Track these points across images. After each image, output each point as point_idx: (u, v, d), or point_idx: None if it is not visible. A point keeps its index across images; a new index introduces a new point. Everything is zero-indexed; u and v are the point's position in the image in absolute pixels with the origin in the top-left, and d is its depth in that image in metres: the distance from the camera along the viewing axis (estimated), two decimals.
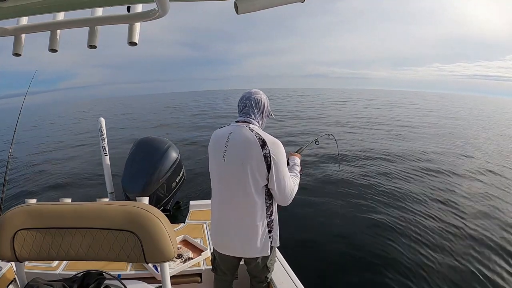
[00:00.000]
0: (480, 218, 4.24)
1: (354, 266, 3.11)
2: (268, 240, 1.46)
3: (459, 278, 2.94)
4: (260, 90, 1.55)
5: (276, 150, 1.37)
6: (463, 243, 3.58)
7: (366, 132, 12.00)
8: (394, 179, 5.94)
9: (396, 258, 3.24)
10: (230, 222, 1.46)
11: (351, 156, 7.79)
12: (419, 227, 3.90)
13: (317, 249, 3.40)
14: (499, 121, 19.86)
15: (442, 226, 3.96)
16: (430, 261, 3.19)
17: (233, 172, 1.40)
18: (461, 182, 5.96)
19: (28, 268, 1.64)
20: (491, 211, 4.54)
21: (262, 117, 1.54)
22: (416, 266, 3.10)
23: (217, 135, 1.49)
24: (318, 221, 4.09)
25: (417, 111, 24.70)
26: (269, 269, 1.57)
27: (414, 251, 3.38)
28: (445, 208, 4.58)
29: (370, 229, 3.88)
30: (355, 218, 4.18)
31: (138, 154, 3.59)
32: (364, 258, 3.23)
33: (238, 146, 1.39)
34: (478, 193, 5.32)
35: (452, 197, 5.08)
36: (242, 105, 1.51)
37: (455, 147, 9.56)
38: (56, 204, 1.00)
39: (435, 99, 57.81)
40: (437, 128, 13.96)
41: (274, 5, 0.77)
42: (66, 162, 8.42)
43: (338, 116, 18.26)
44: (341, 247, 3.45)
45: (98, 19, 0.91)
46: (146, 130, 13.86)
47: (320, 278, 2.84)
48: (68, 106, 62.06)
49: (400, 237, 3.65)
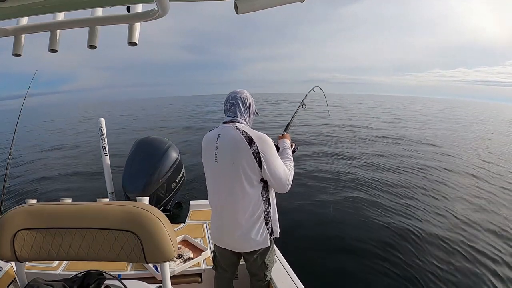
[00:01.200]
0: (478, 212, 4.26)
1: (352, 262, 3.11)
2: (266, 232, 1.49)
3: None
4: (244, 90, 1.57)
5: (263, 144, 1.40)
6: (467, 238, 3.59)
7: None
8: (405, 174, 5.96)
9: (397, 256, 3.24)
10: (228, 218, 1.49)
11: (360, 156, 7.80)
12: (421, 225, 3.91)
13: (317, 248, 3.40)
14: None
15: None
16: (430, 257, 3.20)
17: (226, 172, 1.43)
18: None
19: (28, 268, 1.64)
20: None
21: (249, 115, 1.56)
22: (418, 262, 3.11)
23: (207, 139, 1.52)
24: (316, 219, 4.10)
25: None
26: (268, 266, 1.58)
27: (417, 248, 3.38)
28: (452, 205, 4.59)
29: (369, 226, 3.88)
30: (352, 213, 4.20)
31: (138, 154, 3.59)
32: (364, 256, 3.23)
33: (227, 146, 1.42)
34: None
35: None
36: (229, 105, 1.54)
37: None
38: (56, 204, 1.00)
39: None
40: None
41: (274, 5, 0.77)
42: (66, 162, 8.42)
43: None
44: (339, 242, 3.48)
45: (98, 19, 0.91)
46: (148, 131, 13.90)
47: (320, 278, 2.84)
48: (71, 108, 62.10)
49: (401, 237, 3.65)
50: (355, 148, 8.97)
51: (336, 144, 9.69)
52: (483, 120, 24.33)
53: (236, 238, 1.49)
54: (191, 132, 13.03)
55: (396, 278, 2.91)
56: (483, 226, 3.99)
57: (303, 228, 3.86)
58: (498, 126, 19.83)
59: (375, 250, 3.36)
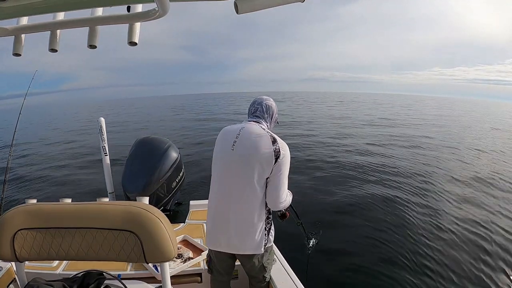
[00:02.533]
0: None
1: (352, 262, 3.12)
2: (264, 238, 1.48)
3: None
4: (270, 98, 1.62)
5: (285, 150, 1.42)
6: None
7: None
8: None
9: (398, 255, 3.25)
10: (229, 215, 1.44)
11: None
12: (422, 222, 3.92)
13: (317, 248, 3.40)
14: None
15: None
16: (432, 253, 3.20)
17: (240, 162, 1.41)
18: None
19: (28, 268, 1.64)
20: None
21: (271, 122, 1.60)
22: (419, 265, 3.10)
23: (227, 129, 1.53)
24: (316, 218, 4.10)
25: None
26: (266, 268, 1.58)
27: (416, 247, 3.38)
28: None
29: (369, 226, 3.88)
30: (353, 213, 4.20)
31: (138, 154, 3.59)
32: (364, 256, 3.23)
33: (249, 138, 1.42)
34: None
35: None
36: (254, 109, 1.57)
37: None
38: (56, 204, 1.00)
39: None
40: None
41: (274, 5, 0.77)
42: (66, 162, 8.42)
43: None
44: (341, 245, 3.47)
45: (98, 19, 0.91)
46: (148, 130, 13.93)
47: (320, 278, 2.84)
48: (71, 107, 62.05)
49: (402, 236, 3.65)
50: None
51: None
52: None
53: (234, 239, 1.46)
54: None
55: (397, 278, 2.91)
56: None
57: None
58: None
59: (375, 250, 3.36)
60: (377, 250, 3.38)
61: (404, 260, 3.16)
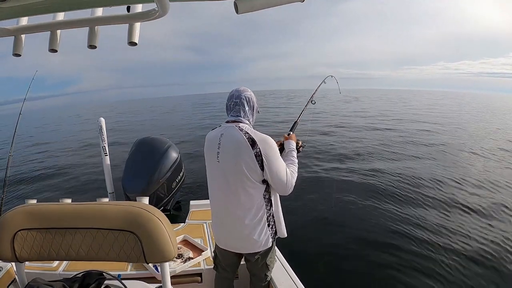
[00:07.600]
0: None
1: (352, 262, 3.11)
2: (268, 233, 1.48)
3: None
4: (247, 88, 1.52)
5: (266, 147, 1.38)
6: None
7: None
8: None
9: (398, 255, 3.24)
10: (229, 220, 1.48)
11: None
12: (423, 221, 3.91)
13: (317, 248, 3.40)
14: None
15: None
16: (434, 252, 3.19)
17: (228, 173, 1.42)
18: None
19: (28, 268, 1.64)
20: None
21: (253, 114, 1.54)
22: (419, 263, 3.10)
23: (210, 138, 1.51)
24: (316, 217, 4.10)
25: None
26: (269, 266, 1.59)
27: (416, 246, 3.38)
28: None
29: (369, 226, 3.88)
30: (352, 213, 4.20)
31: (138, 154, 3.59)
32: (364, 256, 3.23)
33: (229, 147, 1.41)
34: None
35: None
36: (232, 104, 1.49)
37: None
38: (56, 204, 1.00)
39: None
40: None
41: (274, 5, 0.77)
42: (66, 162, 8.42)
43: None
44: (340, 242, 3.47)
45: (98, 19, 0.91)
46: (150, 131, 13.95)
47: (320, 278, 2.84)
48: (74, 109, 61.76)
49: (403, 235, 3.65)
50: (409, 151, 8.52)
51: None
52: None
53: (238, 239, 1.49)
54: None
55: (396, 278, 2.91)
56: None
57: (303, 228, 3.86)
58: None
59: (374, 250, 3.35)
60: (377, 250, 3.37)
61: (407, 264, 3.12)
